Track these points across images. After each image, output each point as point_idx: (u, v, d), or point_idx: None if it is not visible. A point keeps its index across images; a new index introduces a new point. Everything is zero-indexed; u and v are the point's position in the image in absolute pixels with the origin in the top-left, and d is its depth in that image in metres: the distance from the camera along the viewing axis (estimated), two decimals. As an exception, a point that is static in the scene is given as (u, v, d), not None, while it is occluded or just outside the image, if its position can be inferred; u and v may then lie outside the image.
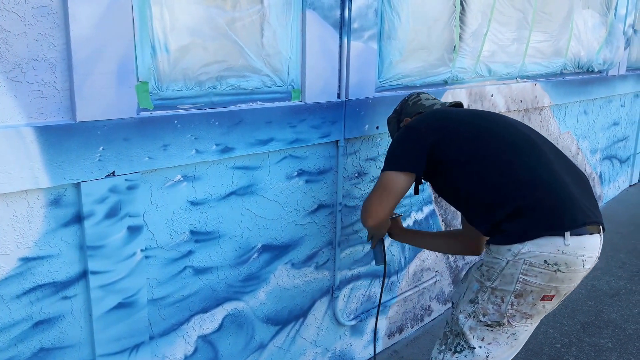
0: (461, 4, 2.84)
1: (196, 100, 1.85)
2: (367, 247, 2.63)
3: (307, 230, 2.31)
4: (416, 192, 2.05)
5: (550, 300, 1.74)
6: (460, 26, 2.88)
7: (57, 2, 1.45)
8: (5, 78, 1.40)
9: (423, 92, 2.25)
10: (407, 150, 1.90)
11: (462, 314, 1.84)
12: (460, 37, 2.90)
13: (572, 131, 4.44)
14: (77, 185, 1.56)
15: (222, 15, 1.87)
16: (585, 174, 1.91)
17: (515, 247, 1.69)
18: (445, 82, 2.92)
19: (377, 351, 2.85)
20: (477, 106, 3.12)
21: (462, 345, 1.83)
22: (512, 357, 1.87)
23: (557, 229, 1.66)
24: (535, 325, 1.84)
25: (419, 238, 2.38)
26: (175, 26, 1.75)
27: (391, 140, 2.14)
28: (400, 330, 2.98)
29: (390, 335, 2.92)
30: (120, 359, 1.75)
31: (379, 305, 2.48)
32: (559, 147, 4.23)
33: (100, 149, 1.58)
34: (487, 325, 1.79)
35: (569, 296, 3.49)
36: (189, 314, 1.96)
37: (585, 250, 1.69)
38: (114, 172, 1.62)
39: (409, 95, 2.25)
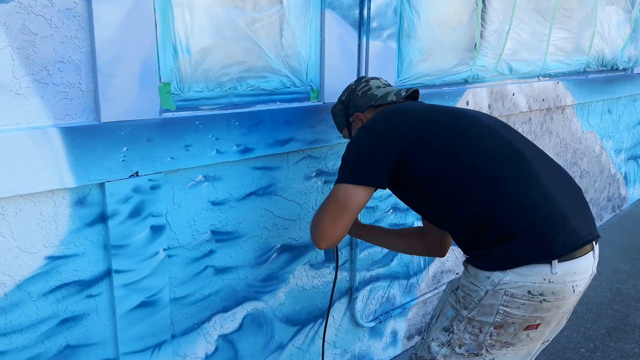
0: (483, 2, 2.83)
1: (217, 101, 1.87)
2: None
3: (326, 230, 2.32)
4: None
5: (536, 329, 1.55)
6: (481, 24, 2.86)
7: (82, 5, 1.48)
8: (33, 80, 1.43)
9: (374, 78, 1.94)
10: (366, 159, 1.63)
11: (435, 343, 1.63)
12: (481, 35, 2.88)
13: (595, 130, 4.38)
14: (102, 185, 1.59)
15: (242, 17, 1.88)
16: (576, 183, 1.69)
17: (496, 276, 1.49)
18: (466, 81, 2.91)
19: (396, 353, 2.86)
20: (497, 106, 3.10)
21: None
22: None
23: (544, 258, 1.46)
24: (524, 352, 1.62)
25: (375, 236, 2.08)
26: (196, 28, 1.77)
27: (342, 134, 1.98)
28: (419, 332, 2.97)
29: (409, 337, 2.91)
30: (142, 357, 1.78)
31: (328, 310, 2.27)
32: (582, 146, 4.19)
33: (124, 149, 1.61)
34: (463, 356, 1.59)
35: (594, 300, 3.45)
36: (209, 313, 1.98)
37: (575, 275, 1.50)
38: (137, 173, 1.65)
39: (357, 82, 1.93)
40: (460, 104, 2.79)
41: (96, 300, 1.66)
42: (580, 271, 1.51)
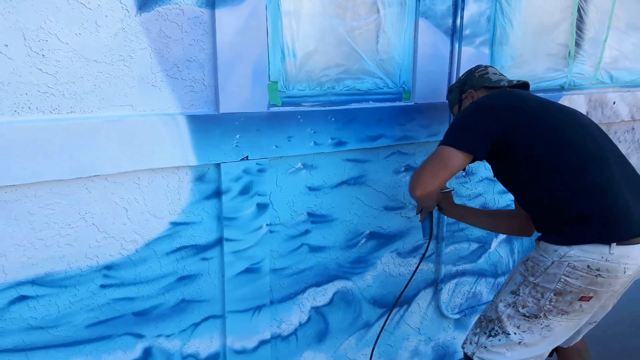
0: (578, 11, 2.88)
1: (317, 99, 2.13)
2: (474, 245, 2.75)
3: (412, 223, 2.50)
4: (464, 168, 1.97)
5: (588, 301, 1.78)
6: (576, 32, 2.91)
7: (207, 14, 1.79)
8: (166, 75, 1.76)
9: (491, 67, 2.20)
10: (472, 129, 1.85)
11: (502, 303, 1.90)
12: (576, 43, 2.93)
13: None
14: (218, 166, 1.89)
15: (342, 25, 2.13)
16: None
17: (563, 250, 1.74)
18: (562, 88, 2.96)
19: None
20: (597, 114, 3.11)
21: (496, 330, 1.89)
22: (549, 348, 1.90)
23: (605, 240, 1.70)
24: (574, 323, 1.86)
25: (468, 215, 2.28)
26: (302, 34, 2.04)
27: (451, 111, 2.18)
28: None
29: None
30: (245, 316, 2.06)
31: (409, 280, 2.40)
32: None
33: (237, 136, 1.90)
34: (524, 316, 1.85)
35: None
36: (304, 285, 2.22)
37: (629, 259, 1.72)
38: (247, 157, 1.94)
39: (477, 67, 2.20)
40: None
41: (209, 263, 1.96)
42: (633, 256, 1.73)
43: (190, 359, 1.99)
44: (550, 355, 2.21)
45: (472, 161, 1.87)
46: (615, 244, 1.70)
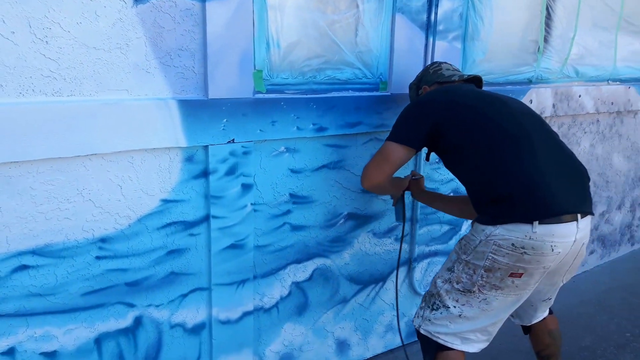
0: (547, 9, 3.06)
1: (299, 87, 2.28)
2: (445, 227, 2.93)
3: (388, 206, 2.66)
4: (427, 158, 2.26)
5: (519, 277, 1.89)
6: (545, 29, 3.10)
7: (198, 6, 1.92)
8: (159, 62, 1.90)
9: (445, 62, 2.36)
10: (409, 125, 2.07)
11: (440, 279, 2.05)
12: (545, 40, 3.12)
13: (672, 137, 4.41)
14: (206, 148, 2.03)
15: (324, 18, 2.28)
16: (585, 167, 2.03)
17: (489, 229, 1.88)
18: (530, 81, 3.15)
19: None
20: (563, 106, 3.30)
21: (437, 304, 2.04)
22: (491, 321, 2.01)
23: (527, 218, 1.81)
24: (513, 298, 1.96)
25: (435, 201, 2.45)
26: (285, 27, 2.18)
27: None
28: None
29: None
30: (229, 289, 2.21)
31: (397, 262, 2.67)
32: None
33: (225, 120, 2.04)
34: (460, 291, 1.98)
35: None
36: (285, 262, 2.38)
37: (554, 237, 1.83)
38: (233, 140, 2.08)
39: (432, 63, 2.37)
40: (524, 102, 3.03)
41: (196, 238, 2.11)
42: (559, 234, 1.84)
43: (178, 328, 2.14)
44: (525, 333, 2.40)
45: (417, 152, 2.10)
46: (537, 222, 1.80)
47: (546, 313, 2.34)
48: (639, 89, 3.83)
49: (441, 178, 2.85)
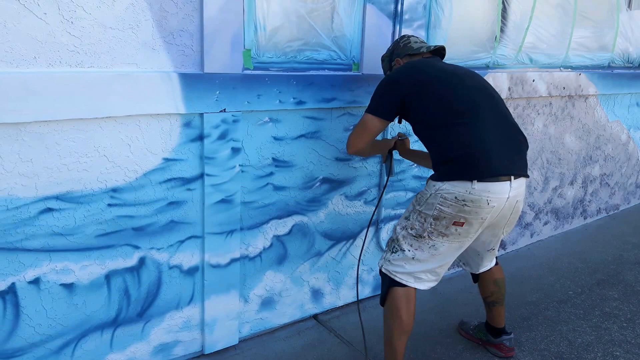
0: (503, 3, 3.45)
1: (282, 65, 2.64)
2: (410, 194, 3.32)
3: (358, 172, 3.05)
4: (400, 122, 2.61)
5: (461, 226, 2.27)
6: (501, 20, 3.48)
7: (197, -5, 2.28)
8: (164, 41, 2.24)
9: (413, 36, 2.67)
10: (383, 99, 2.41)
11: (399, 226, 2.44)
12: (501, 30, 3.50)
13: (622, 120, 4.84)
14: (201, 115, 2.38)
15: (304, 7, 2.64)
16: (525, 136, 2.40)
17: (438, 184, 2.27)
18: (487, 66, 3.54)
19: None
20: (517, 89, 3.70)
21: (395, 248, 2.42)
22: (439, 264, 2.38)
23: (468, 176, 2.20)
24: (457, 244, 2.34)
25: (417, 158, 2.76)
26: (271, 13, 2.54)
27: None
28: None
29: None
30: (220, 237, 2.58)
31: (375, 210, 3.05)
32: (607, 133, 4.66)
33: (217, 92, 2.40)
34: (413, 237, 2.37)
35: (594, 260, 3.99)
36: (268, 217, 2.75)
37: (490, 193, 2.20)
38: (225, 109, 2.44)
39: (401, 37, 2.67)
40: (481, 84, 3.42)
41: (192, 193, 2.47)
42: (493, 191, 2.22)
43: (175, 269, 2.51)
44: (475, 282, 2.79)
45: (391, 122, 2.44)
46: (476, 180, 2.18)
47: (492, 263, 2.74)
48: (589, 75, 4.24)
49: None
